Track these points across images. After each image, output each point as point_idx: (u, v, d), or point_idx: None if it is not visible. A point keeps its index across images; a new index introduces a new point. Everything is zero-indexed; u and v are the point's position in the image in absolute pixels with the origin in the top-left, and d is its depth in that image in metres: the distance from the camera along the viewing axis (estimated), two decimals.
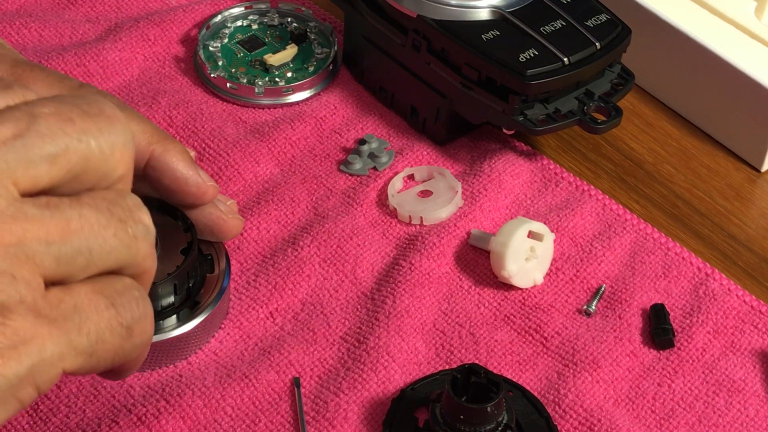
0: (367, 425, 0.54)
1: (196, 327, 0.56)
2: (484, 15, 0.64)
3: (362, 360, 0.56)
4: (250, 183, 0.65)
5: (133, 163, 0.41)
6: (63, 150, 0.38)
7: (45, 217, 0.38)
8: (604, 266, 0.62)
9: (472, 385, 0.51)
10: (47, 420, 0.54)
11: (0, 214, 0.37)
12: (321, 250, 0.61)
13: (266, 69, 0.70)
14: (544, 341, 0.58)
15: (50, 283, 0.38)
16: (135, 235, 0.40)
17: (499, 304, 0.60)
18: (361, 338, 0.57)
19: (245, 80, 0.69)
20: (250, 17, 0.73)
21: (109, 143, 0.39)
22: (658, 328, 0.58)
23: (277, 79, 0.70)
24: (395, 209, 0.63)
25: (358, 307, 0.59)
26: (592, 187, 0.66)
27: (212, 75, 0.69)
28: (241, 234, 0.61)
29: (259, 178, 0.65)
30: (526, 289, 0.60)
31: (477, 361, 0.57)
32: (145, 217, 0.41)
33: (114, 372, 0.42)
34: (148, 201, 0.57)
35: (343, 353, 0.57)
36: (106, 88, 0.68)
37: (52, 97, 0.39)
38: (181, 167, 0.55)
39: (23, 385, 0.38)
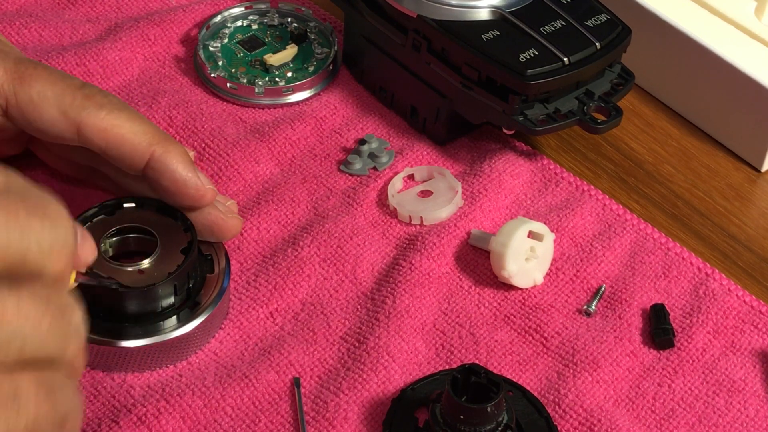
0: (367, 425, 0.54)
1: (197, 327, 0.56)
2: (484, 15, 0.64)
3: (362, 360, 0.56)
4: (250, 183, 0.65)
5: (71, 262, 0.42)
6: (4, 244, 0.39)
7: None
8: (604, 266, 0.62)
9: (472, 385, 0.51)
10: None
11: None
12: (321, 250, 0.61)
13: (266, 69, 0.70)
14: (544, 341, 0.58)
15: None
16: (66, 332, 0.41)
17: (499, 304, 0.60)
18: (361, 338, 0.57)
19: (245, 80, 0.69)
20: (250, 17, 0.73)
21: (49, 242, 0.40)
22: (658, 328, 0.58)
23: (277, 79, 0.70)
24: (395, 209, 0.63)
25: (358, 307, 0.59)
26: (592, 187, 0.66)
27: (212, 75, 0.69)
28: (241, 234, 0.61)
29: (259, 178, 0.65)
30: (526, 289, 0.61)
31: (477, 361, 0.57)
32: (77, 318, 0.41)
33: None
34: (147, 201, 0.57)
35: (343, 353, 0.57)
36: (106, 88, 0.68)
37: (1, 190, 0.39)
38: (181, 169, 0.55)
39: None
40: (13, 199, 0.39)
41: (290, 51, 0.71)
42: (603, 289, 0.61)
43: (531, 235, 0.60)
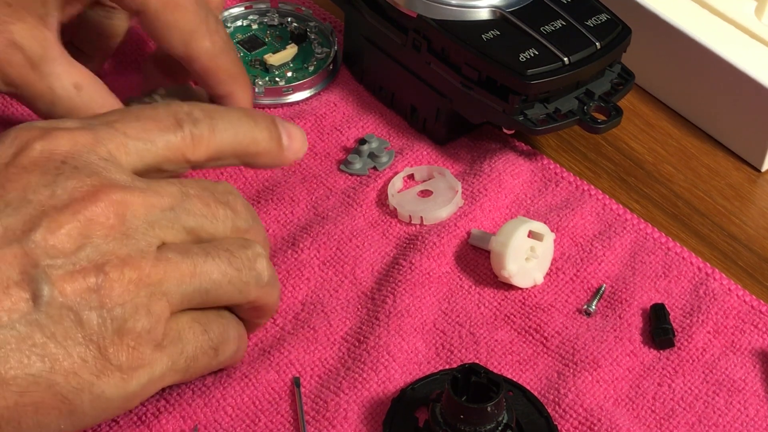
0: (367, 425, 0.54)
1: None
2: (484, 15, 0.64)
3: (362, 359, 0.56)
4: (250, 181, 0.65)
5: (258, 231, 0.52)
6: (199, 227, 0.49)
7: (179, 262, 0.47)
8: (604, 266, 0.62)
9: (473, 384, 0.51)
10: None
11: (148, 257, 0.46)
12: (321, 251, 0.61)
13: (266, 69, 0.70)
14: (544, 341, 0.58)
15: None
16: (247, 281, 0.50)
17: (499, 303, 0.60)
18: (362, 338, 0.57)
19: None
20: (250, 17, 0.73)
21: (233, 226, 0.50)
22: (658, 328, 0.58)
23: (277, 79, 0.70)
24: (395, 209, 0.63)
25: (359, 307, 0.59)
26: (592, 186, 0.66)
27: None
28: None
29: (259, 177, 0.65)
30: (526, 288, 0.61)
31: (477, 361, 0.57)
32: (260, 265, 0.50)
33: None
34: None
35: (343, 353, 0.57)
36: None
37: (196, 181, 0.50)
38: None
39: (134, 399, 0.47)
40: (206, 191, 0.49)
41: (290, 51, 0.71)
42: (603, 288, 0.61)
43: (531, 234, 0.60)
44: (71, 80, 0.57)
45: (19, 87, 0.57)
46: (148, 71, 0.65)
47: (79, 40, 0.64)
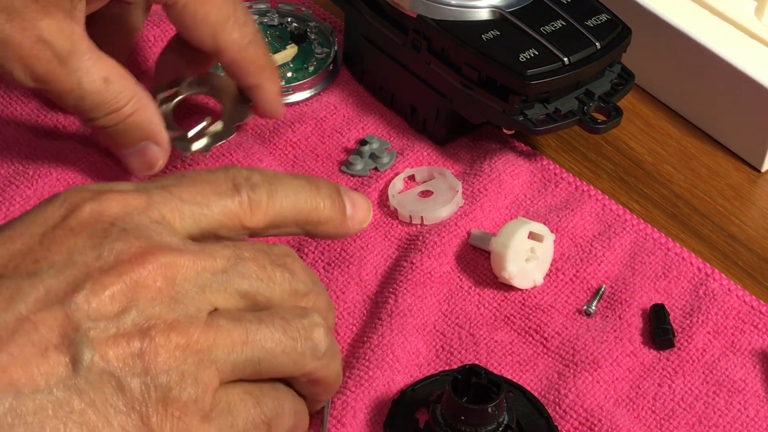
0: (368, 426, 0.54)
1: None
2: (484, 15, 0.64)
3: (367, 357, 0.56)
4: None
5: (319, 295, 0.49)
6: (254, 291, 0.46)
7: (231, 328, 0.45)
8: (604, 266, 0.62)
9: (473, 385, 0.51)
10: None
11: (197, 323, 0.44)
12: (325, 253, 0.61)
13: None
14: (545, 341, 0.58)
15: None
16: (303, 351, 0.47)
17: (499, 304, 0.60)
18: (365, 338, 0.57)
19: None
20: None
21: (290, 289, 0.47)
22: (658, 329, 0.58)
23: None
24: (396, 209, 0.63)
25: (364, 310, 0.59)
26: (591, 187, 0.66)
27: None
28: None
29: None
30: (526, 289, 0.61)
31: (477, 362, 0.57)
32: (317, 335, 0.47)
33: None
34: None
35: (348, 353, 0.57)
36: None
37: (252, 244, 0.47)
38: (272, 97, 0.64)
39: None
40: (262, 253, 0.47)
41: (290, 51, 0.71)
42: (603, 289, 0.61)
43: (531, 235, 0.60)
44: (100, 74, 0.57)
45: (48, 83, 0.57)
46: (165, 63, 0.65)
47: (98, 35, 0.63)
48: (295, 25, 0.73)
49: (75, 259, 0.43)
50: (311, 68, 0.71)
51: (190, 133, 0.63)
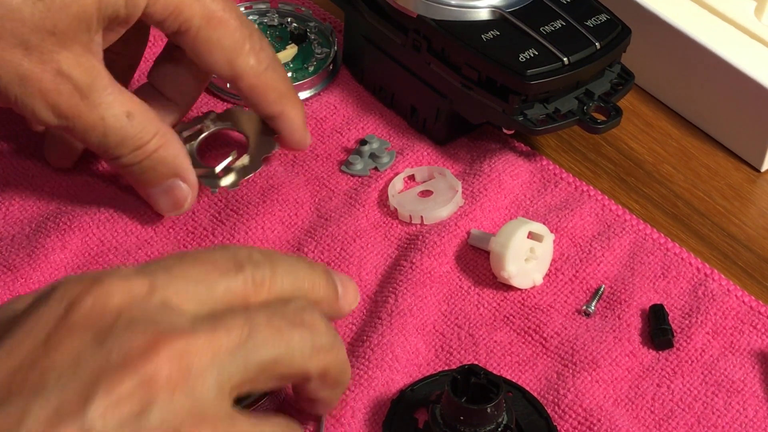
0: (367, 426, 0.54)
1: None
2: (484, 15, 0.64)
3: (366, 357, 0.56)
4: (252, 181, 0.65)
5: (336, 350, 0.48)
6: (272, 360, 0.44)
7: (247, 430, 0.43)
8: (603, 266, 0.62)
9: (472, 385, 0.52)
10: None
11: (218, 422, 0.42)
12: (325, 253, 0.61)
13: None
14: (544, 342, 0.58)
15: None
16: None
17: (499, 304, 0.60)
18: (364, 337, 0.57)
19: None
20: (250, 17, 0.73)
21: (312, 346, 0.46)
22: (658, 329, 0.58)
23: None
24: (396, 209, 0.64)
25: (363, 310, 0.59)
26: (591, 187, 0.66)
27: (213, 76, 0.69)
28: (245, 234, 0.62)
29: (262, 175, 0.65)
30: (526, 289, 0.61)
31: (476, 362, 0.57)
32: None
33: None
34: None
35: (348, 352, 0.57)
36: None
37: (265, 307, 0.45)
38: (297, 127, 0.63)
39: None
40: (276, 315, 0.45)
41: (290, 51, 0.71)
42: (602, 289, 0.61)
43: (531, 235, 0.60)
44: (123, 108, 0.56)
45: (70, 118, 0.55)
46: (159, 75, 0.63)
47: None
48: (295, 25, 0.73)
49: (82, 363, 0.41)
50: (311, 68, 0.71)
51: (217, 169, 0.62)
